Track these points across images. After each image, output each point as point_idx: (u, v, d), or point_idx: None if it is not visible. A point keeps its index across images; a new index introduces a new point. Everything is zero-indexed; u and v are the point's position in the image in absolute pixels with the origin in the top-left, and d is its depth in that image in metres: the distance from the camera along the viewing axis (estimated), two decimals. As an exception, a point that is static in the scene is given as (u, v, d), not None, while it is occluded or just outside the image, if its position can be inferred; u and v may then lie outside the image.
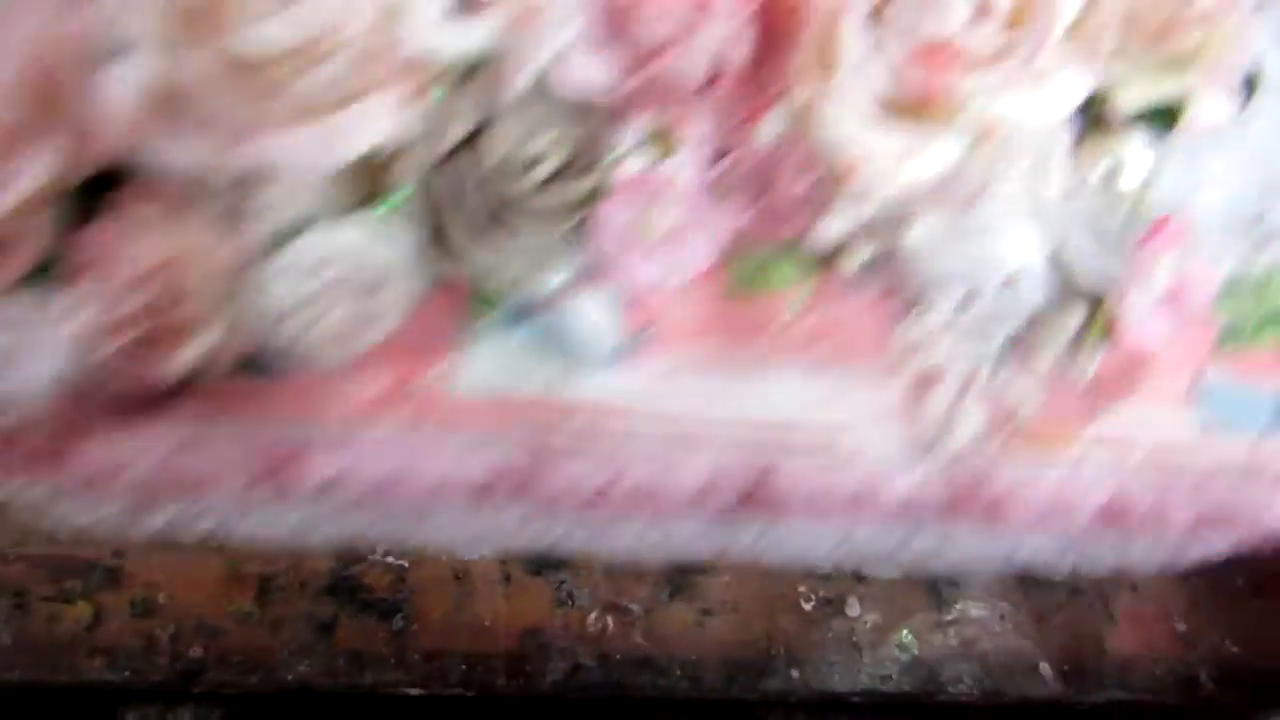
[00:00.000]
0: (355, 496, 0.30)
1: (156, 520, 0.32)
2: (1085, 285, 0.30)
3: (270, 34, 0.26)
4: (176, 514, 0.32)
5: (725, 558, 0.41)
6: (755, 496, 0.31)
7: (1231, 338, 0.32)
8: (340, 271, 0.27)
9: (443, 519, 0.36)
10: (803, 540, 0.40)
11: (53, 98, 0.26)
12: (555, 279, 0.29)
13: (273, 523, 0.34)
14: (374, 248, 0.27)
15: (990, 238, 0.29)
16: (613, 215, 0.29)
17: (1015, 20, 0.28)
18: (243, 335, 0.27)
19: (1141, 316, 0.30)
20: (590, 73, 0.29)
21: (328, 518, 0.35)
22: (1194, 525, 0.33)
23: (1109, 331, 0.30)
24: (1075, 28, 0.29)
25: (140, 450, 0.28)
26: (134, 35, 0.26)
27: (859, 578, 0.43)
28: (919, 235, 0.29)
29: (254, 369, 0.28)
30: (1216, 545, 0.35)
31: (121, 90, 0.26)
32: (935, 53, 0.28)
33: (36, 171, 0.25)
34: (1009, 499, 0.31)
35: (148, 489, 0.29)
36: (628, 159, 0.29)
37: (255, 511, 0.33)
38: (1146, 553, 0.38)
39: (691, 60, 0.29)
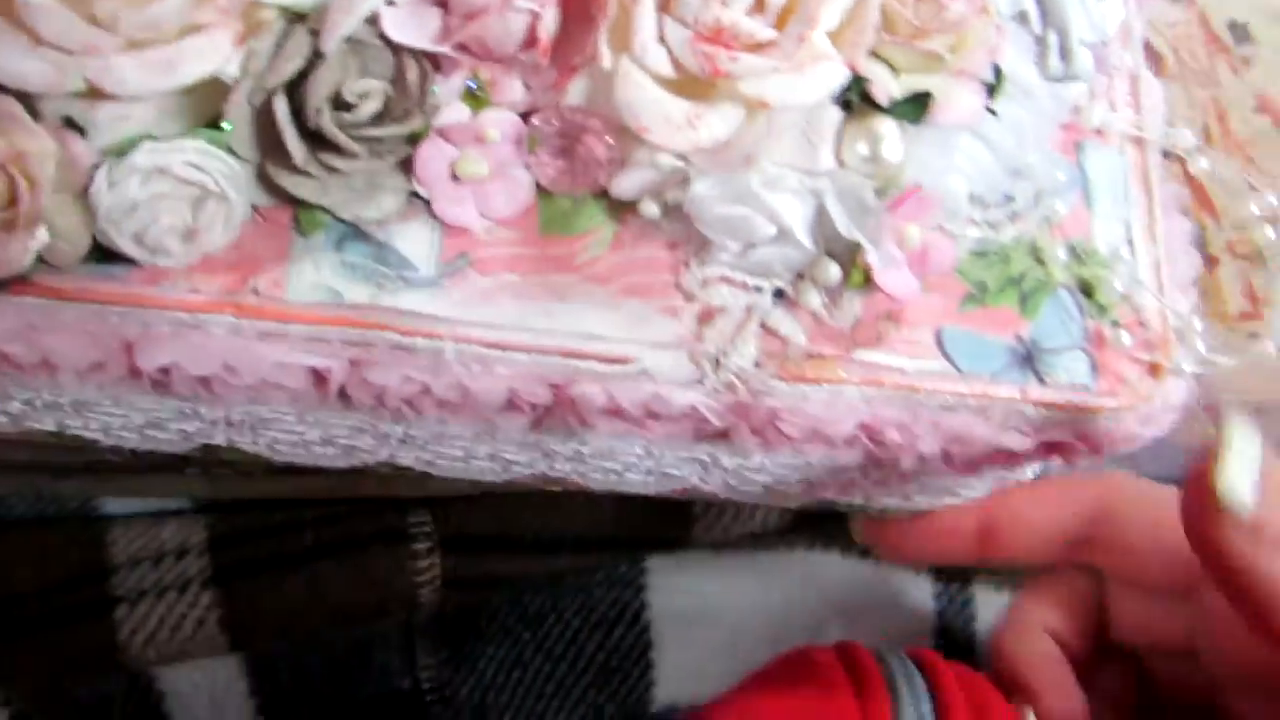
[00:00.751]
0: (188, 388, 0.34)
1: (10, 406, 0.36)
2: (843, 242, 0.35)
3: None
4: (30, 400, 0.36)
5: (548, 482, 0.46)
6: (557, 407, 0.35)
7: (974, 299, 0.37)
8: (170, 184, 0.30)
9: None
10: (617, 462, 0.45)
11: None
12: (378, 209, 0.34)
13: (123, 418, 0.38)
14: (203, 166, 0.31)
15: (761, 198, 0.34)
16: (430, 156, 0.34)
17: (783, 16, 0.33)
18: (83, 232, 0.31)
19: (891, 270, 0.35)
20: (412, 27, 0.33)
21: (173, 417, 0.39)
22: (937, 451, 0.38)
23: (866, 283, 0.35)
24: (838, 30, 0.34)
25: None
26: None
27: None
28: (700, 191, 0.34)
29: (100, 261, 0.32)
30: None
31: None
32: (715, 37, 0.32)
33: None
34: (777, 418, 0.36)
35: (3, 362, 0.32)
36: (446, 108, 0.34)
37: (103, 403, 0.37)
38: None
39: (505, 27, 0.33)
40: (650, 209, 0.35)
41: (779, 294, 0.36)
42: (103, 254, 0.32)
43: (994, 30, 0.35)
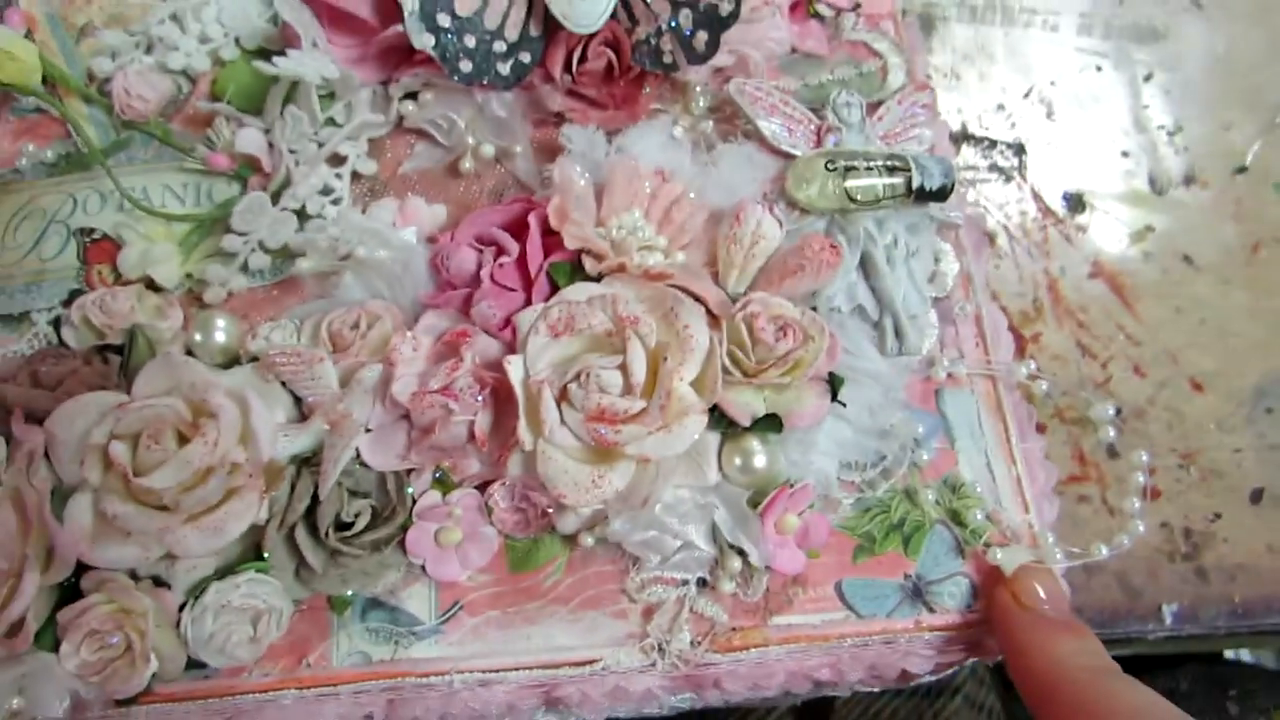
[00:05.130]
0: (275, 745, 0.45)
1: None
2: (734, 543, 0.44)
3: (163, 479, 0.42)
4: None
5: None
6: (547, 706, 0.46)
7: (865, 550, 0.46)
8: (232, 613, 0.42)
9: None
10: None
11: (37, 534, 0.42)
12: (386, 583, 0.45)
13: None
14: (253, 593, 0.43)
15: (664, 522, 0.44)
16: (417, 538, 0.45)
17: (648, 389, 0.43)
18: (181, 653, 0.43)
19: (779, 553, 0.44)
20: (382, 450, 0.44)
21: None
22: (864, 678, 0.46)
23: (766, 566, 0.45)
24: (697, 379, 0.44)
25: (129, 735, 0.43)
26: (83, 479, 0.43)
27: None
28: (617, 528, 0.44)
29: (196, 669, 0.44)
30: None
31: (77, 519, 0.42)
32: (599, 416, 0.43)
33: (31, 585, 0.41)
34: (721, 680, 0.45)
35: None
36: (423, 496, 0.45)
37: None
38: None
39: (451, 434, 0.44)
40: (587, 540, 0.45)
41: (702, 582, 0.46)
42: (197, 663, 0.44)
43: (825, 345, 0.45)
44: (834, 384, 0.46)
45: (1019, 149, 0.72)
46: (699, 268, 0.47)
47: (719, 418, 0.45)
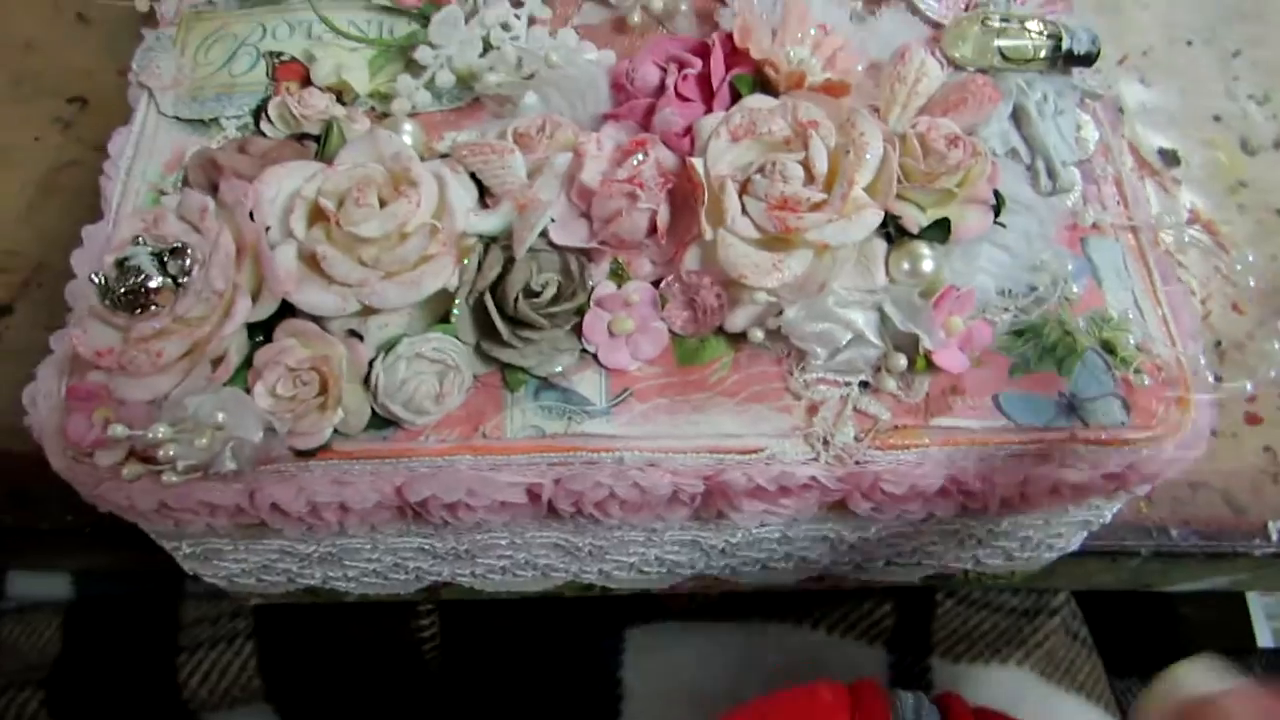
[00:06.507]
0: (444, 512, 0.46)
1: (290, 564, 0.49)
2: (905, 339, 0.46)
3: (369, 229, 0.44)
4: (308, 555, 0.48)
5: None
6: (710, 494, 0.46)
7: (1020, 369, 0.48)
8: (424, 364, 0.44)
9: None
10: (761, 550, 0.55)
11: (252, 266, 0.44)
12: (560, 364, 0.46)
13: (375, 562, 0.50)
14: (443, 349, 0.44)
15: (837, 314, 0.45)
16: (593, 322, 0.46)
17: (828, 183, 0.45)
18: (365, 408, 0.44)
19: (944, 351, 0.46)
20: (569, 233, 0.46)
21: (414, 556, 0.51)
22: (1016, 492, 0.47)
23: (929, 366, 0.46)
24: (871, 184, 0.46)
25: (308, 483, 0.44)
26: (289, 231, 0.45)
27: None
28: (791, 316, 0.46)
29: (377, 428, 0.45)
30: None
31: (284, 262, 0.44)
32: (782, 205, 0.45)
33: (244, 310, 0.43)
34: (880, 480, 0.46)
35: (312, 513, 0.45)
36: (599, 285, 0.47)
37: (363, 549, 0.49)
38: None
39: (634, 223, 0.46)
40: (757, 335, 0.47)
41: (864, 384, 0.47)
42: (376, 423, 0.45)
43: (989, 165, 0.47)
44: (998, 203, 0.48)
45: (1116, 108, 0.76)
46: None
47: (887, 226, 0.47)
